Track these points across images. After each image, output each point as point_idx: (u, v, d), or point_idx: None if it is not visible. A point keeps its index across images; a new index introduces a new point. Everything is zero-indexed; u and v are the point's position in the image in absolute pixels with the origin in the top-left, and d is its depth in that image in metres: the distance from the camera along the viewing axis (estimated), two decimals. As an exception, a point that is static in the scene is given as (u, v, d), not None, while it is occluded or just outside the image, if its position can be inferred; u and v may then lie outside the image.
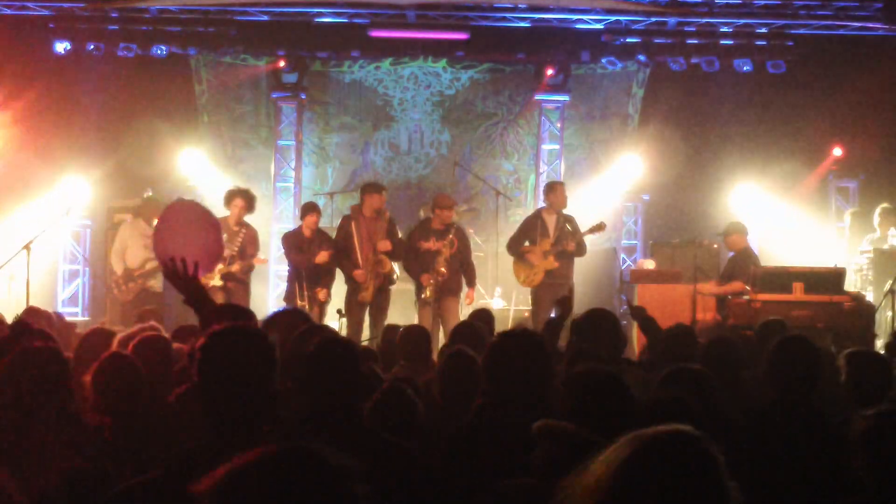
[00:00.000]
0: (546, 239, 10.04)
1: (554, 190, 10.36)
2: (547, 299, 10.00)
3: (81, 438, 3.46)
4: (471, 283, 9.97)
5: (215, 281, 9.67)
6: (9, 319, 6.72)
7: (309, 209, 10.09)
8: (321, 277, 9.84)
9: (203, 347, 2.66)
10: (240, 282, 9.75)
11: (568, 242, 9.90)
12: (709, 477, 1.68)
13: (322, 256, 9.64)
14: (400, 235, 10.10)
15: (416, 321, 9.79)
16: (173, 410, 3.90)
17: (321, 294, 9.75)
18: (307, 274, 9.70)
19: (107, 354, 4.04)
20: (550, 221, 10.13)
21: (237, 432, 2.55)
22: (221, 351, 2.60)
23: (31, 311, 6.66)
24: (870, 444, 2.82)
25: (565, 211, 10.37)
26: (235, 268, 9.66)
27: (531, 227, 10.20)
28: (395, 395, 3.82)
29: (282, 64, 12.57)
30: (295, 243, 9.92)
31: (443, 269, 9.67)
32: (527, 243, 10.16)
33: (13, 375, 3.46)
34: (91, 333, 5.20)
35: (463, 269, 9.89)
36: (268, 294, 12.68)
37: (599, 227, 10.14)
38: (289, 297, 9.94)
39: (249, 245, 9.84)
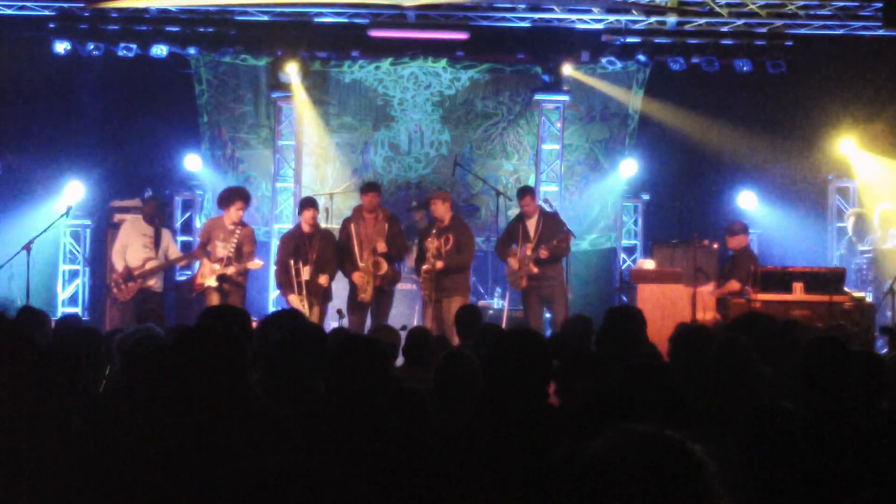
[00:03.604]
0: (528, 244, 10.03)
1: (519, 196, 10.33)
2: (534, 301, 10.05)
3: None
4: (457, 269, 9.82)
5: (210, 282, 9.67)
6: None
7: (306, 204, 10.08)
8: (321, 267, 9.78)
9: (173, 348, 2.67)
10: (235, 284, 9.73)
11: (543, 248, 9.84)
12: (683, 484, 1.61)
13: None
14: (403, 235, 10.10)
15: (416, 321, 9.83)
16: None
17: (322, 279, 9.70)
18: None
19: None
20: (531, 225, 10.13)
21: (207, 431, 2.55)
22: (190, 351, 2.61)
23: (26, 311, 6.65)
24: (882, 443, 2.82)
25: (548, 209, 10.34)
26: (231, 270, 9.66)
27: (514, 231, 10.20)
28: (408, 395, 3.84)
29: (292, 68, 12.48)
30: (291, 248, 9.81)
31: (426, 267, 9.64)
32: (514, 245, 10.16)
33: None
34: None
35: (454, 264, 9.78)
36: (268, 294, 12.68)
37: (565, 238, 9.99)
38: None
39: (246, 243, 9.83)
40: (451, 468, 3.27)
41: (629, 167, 12.73)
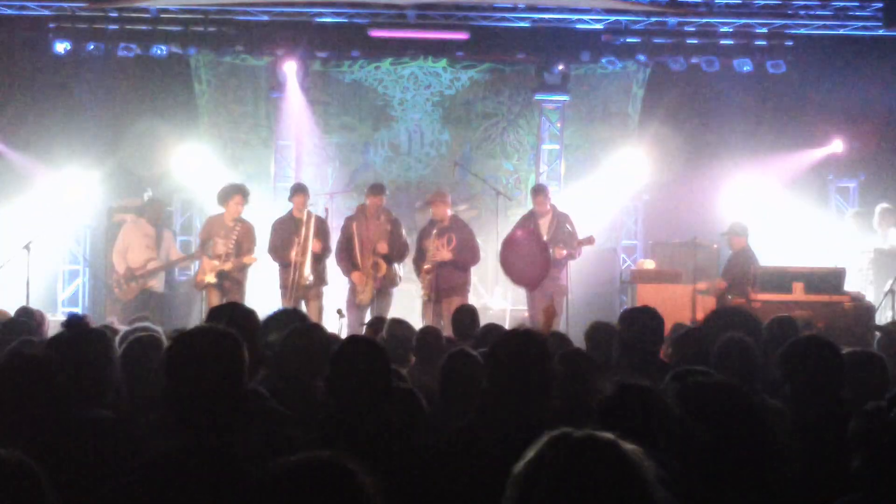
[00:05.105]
0: None
1: (532, 195, 10.38)
2: (538, 299, 10.04)
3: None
4: (463, 266, 9.88)
5: (210, 279, 9.68)
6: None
7: (297, 190, 10.12)
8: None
9: (169, 349, 2.65)
10: (234, 280, 9.75)
11: (559, 249, 9.86)
12: (614, 483, 1.65)
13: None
14: (405, 237, 10.11)
15: (418, 320, 9.81)
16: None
17: (315, 246, 9.70)
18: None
19: None
20: (543, 224, 10.12)
21: (206, 435, 2.54)
22: (187, 352, 2.58)
23: (23, 311, 6.65)
24: (868, 442, 2.83)
25: (561, 210, 10.36)
26: (228, 266, 9.67)
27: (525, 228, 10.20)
28: (402, 395, 3.83)
29: (291, 67, 12.44)
30: (283, 234, 9.87)
31: (426, 266, 9.67)
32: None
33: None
34: None
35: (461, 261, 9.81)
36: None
37: (589, 241, 10.09)
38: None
39: (245, 240, 9.84)
40: (453, 468, 3.27)
41: (629, 167, 12.72)
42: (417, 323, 9.73)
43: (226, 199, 9.85)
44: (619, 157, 12.90)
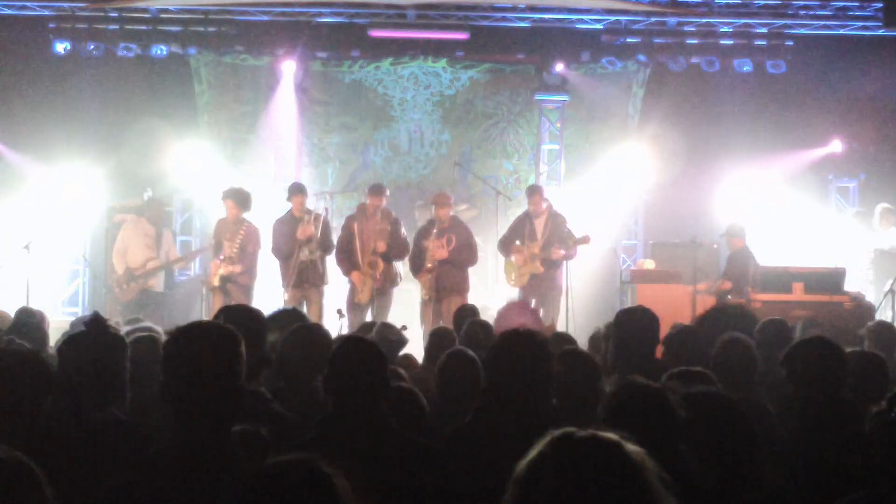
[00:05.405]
0: (535, 242, 10.06)
1: (527, 195, 10.45)
2: (534, 299, 10.06)
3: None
4: (462, 266, 9.91)
5: (214, 281, 9.70)
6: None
7: (295, 190, 10.13)
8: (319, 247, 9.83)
9: (167, 344, 2.64)
10: (237, 284, 9.75)
11: (556, 249, 9.90)
12: (617, 484, 1.65)
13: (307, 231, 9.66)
14: (405, 236, 10.12)
15: (418, 321, 9.83)
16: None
17: (307, 232, 9.71)
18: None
19: None
20: (539, 224, 10.15)
21: (203, 431, 2.54)
22: (183, 348, 2.58)
23: (23, 312, 6.65)
24: (868, 442, 2.83)
25: (557, 210, 10.38)
26: (226, 270, 9.68)
27: (520, 228, 10.23)
28: (404, 395, 3.84)
29: (291, 67, 12.45)
30: (285, 233, 9.88)
31: (428, 265, 9.69)
32: (517, 242, 10.20)
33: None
34: None
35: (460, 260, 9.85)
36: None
37: (584, 240, 10.12)
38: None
39: (249, 242, 9.84)
40: (453, 468, 3.26)
41: (629, 167, 12.71)
42: (418, 323, 9.78)
43: (223, 202, 9.92)
44: (619, 156, 12.89)
